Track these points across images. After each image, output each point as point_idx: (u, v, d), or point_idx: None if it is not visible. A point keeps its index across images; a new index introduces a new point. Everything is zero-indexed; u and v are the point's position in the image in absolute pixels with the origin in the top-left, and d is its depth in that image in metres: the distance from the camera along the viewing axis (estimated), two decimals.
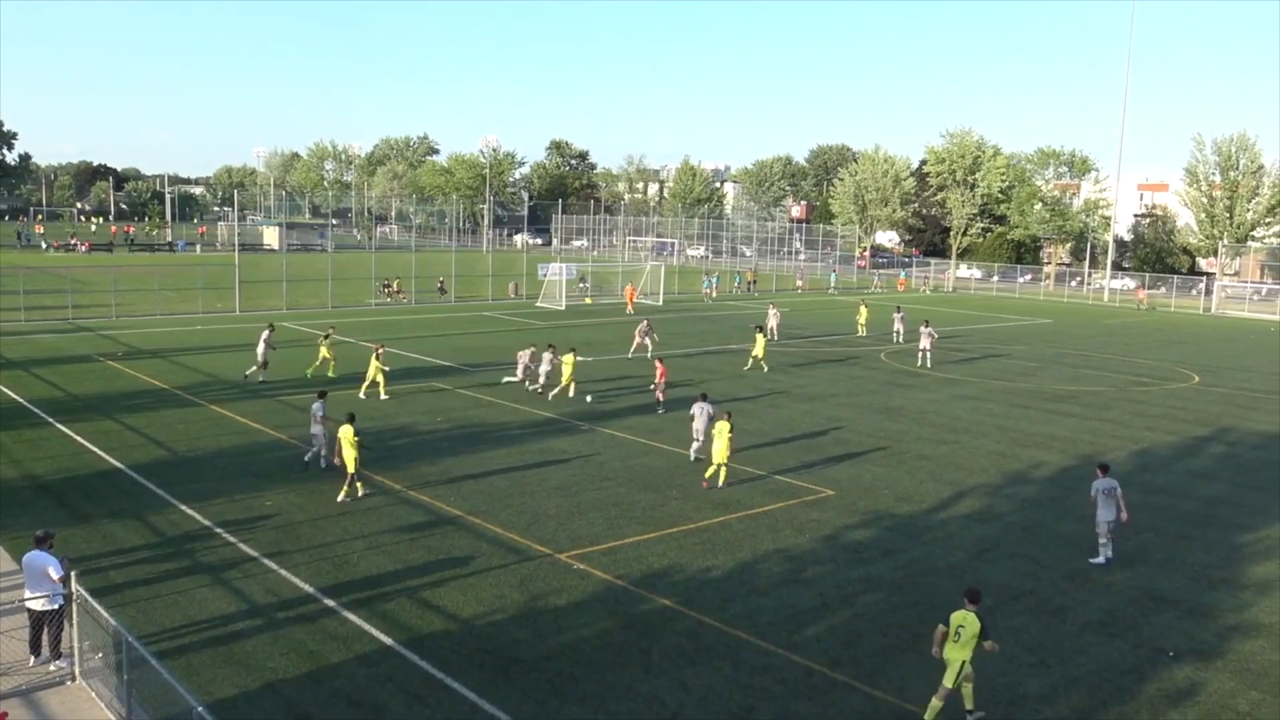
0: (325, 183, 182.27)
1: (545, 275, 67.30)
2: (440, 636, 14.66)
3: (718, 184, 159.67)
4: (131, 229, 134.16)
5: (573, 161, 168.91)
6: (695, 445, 24.77)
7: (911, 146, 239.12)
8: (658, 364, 31.59)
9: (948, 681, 12.73)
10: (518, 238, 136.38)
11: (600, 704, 12.93)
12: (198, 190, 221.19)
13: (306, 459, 23.20)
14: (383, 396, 30.98)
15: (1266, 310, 77.24)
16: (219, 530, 18.80)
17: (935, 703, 12.74)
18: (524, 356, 33.99)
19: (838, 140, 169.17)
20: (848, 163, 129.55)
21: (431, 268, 72.37)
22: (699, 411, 24.91)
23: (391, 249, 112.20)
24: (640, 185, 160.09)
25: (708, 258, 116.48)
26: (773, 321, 49.43)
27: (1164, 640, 15.44)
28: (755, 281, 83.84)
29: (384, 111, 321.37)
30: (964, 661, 12.73)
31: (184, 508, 19.96)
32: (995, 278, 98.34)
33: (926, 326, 43.31)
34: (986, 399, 35.12)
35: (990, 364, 43.92)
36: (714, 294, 73.95)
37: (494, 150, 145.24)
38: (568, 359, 32.18)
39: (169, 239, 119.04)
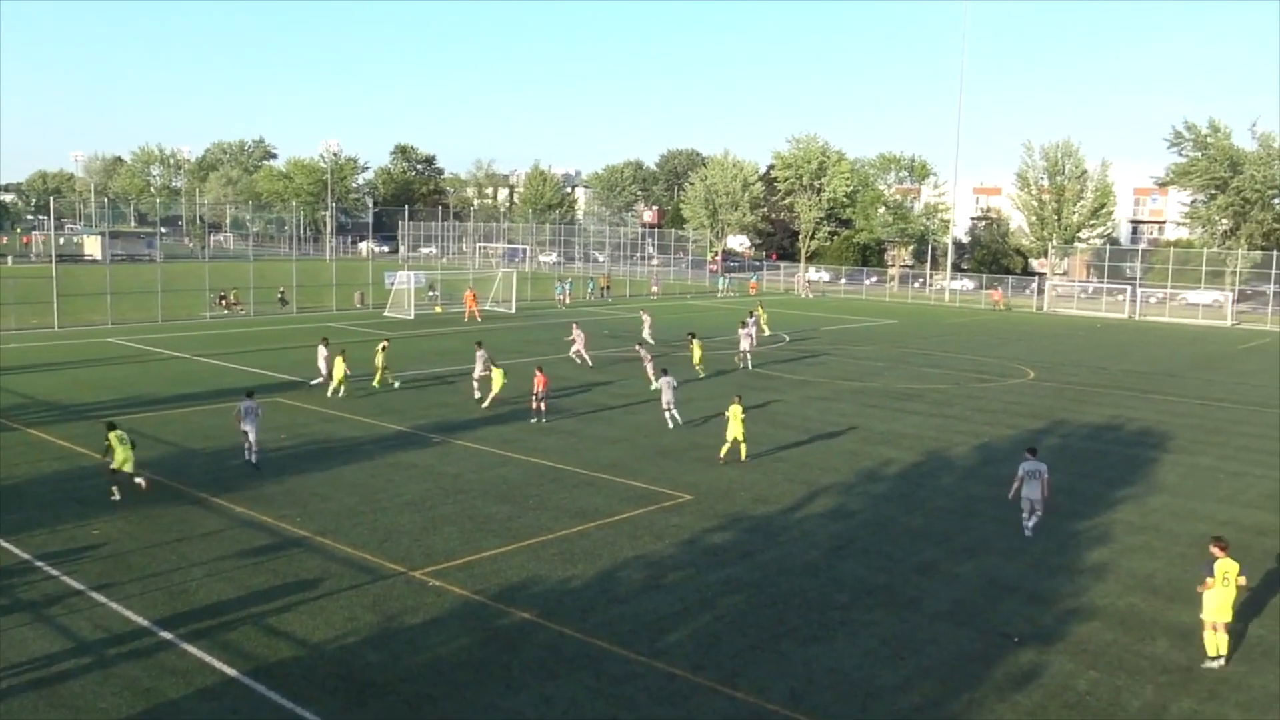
0: (152, 189, 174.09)
1: (392, 284, 66.01)
2: (289, 664, 14.16)
3: (569, 189, 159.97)
4: None
5: (419, 166, 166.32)
6: (669, 414, 29.80)
7: (759, 152, 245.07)
8: (538, 373, 31.23)
9: (1228, 617, 14.90)
10: (362, 245, 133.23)
11: None
12: (8, 197, 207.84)
13: (254, 461, 24.08)
14: (329, 393, 33.25)
15: (1092, 308, 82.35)
16: (40, 564, 17.68)
17: (1221, 635, 14.88)
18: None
19: (687, 145, 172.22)
20: (697, 167, 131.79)
21: (271, 278, 70.01)
22: (665, 386, 30.01)
23: (227, 258, 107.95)
24: (490, 190, 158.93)
25: (560, 264, 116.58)
26: (646, 330, 49.79)
27: (1009, 626, 16.25)
28: (609, 287, 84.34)
29: (215, 114, 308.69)
30: (1234, 599, 14.93)
31: None
32: (843, 280, 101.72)
33: (746, 327, 44.17)
34: (837, 399, 36.25)
35: (839, 364, 45.36)
36: (567, 300, 74.07)
37: (335, 155, 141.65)
38: (498, 373, 32.46)
39: None
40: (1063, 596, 17.65)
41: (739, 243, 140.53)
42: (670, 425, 29.74)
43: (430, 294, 69.73)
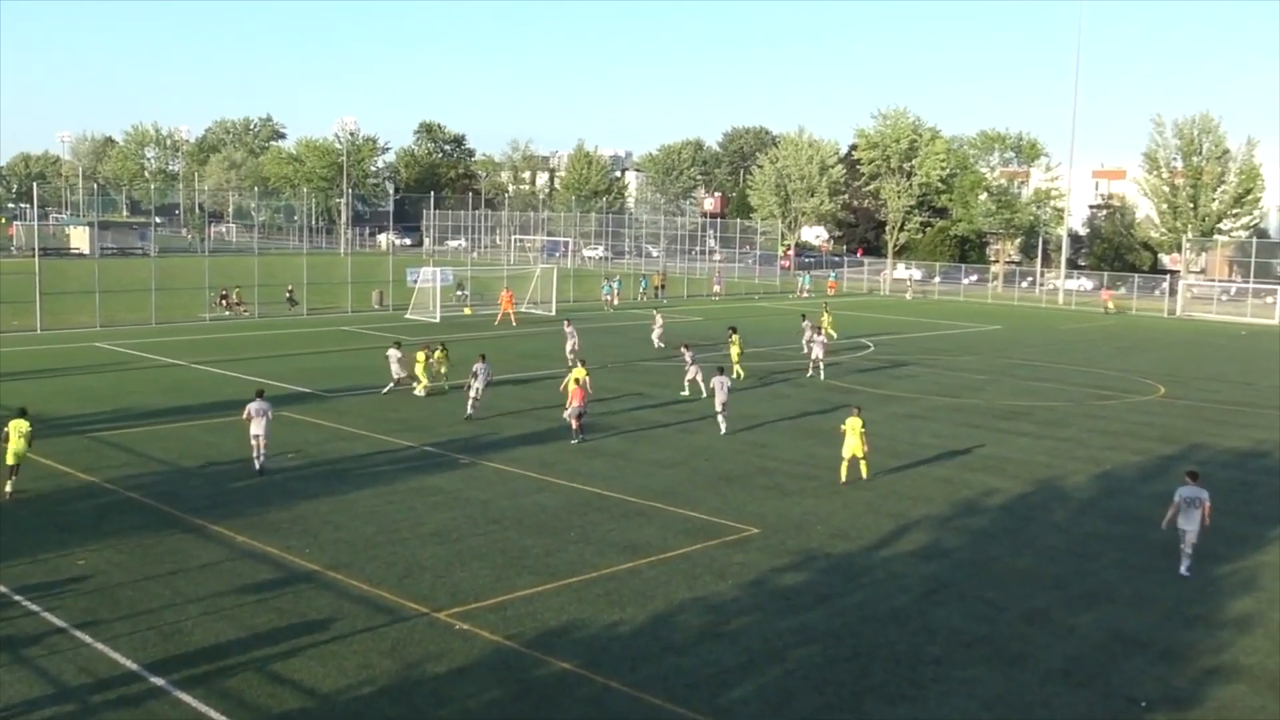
0: (147, 173, 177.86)
1: (416, 282, 66.74)
2: (296, 716, 14.31)
3: (618, 173, 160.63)
4: None
5: (446, 147, 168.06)
6: (720, 418, 32.06)
7: (840, 129, 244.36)
8: (574, 385, 31.40)
9: None
10: (381, 237, 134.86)
11: None
12: None
13: (260, 467, 26.05)
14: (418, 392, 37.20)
15: (1235, 312, 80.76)
16: (19, 598, 18.07)
17: None
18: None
19: (755, 122, 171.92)
20: (767, 148, 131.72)
21: (278, 274, 71.08)
22: (719, 386, 32.13)
23: (229, 252, 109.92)
24: (527, 175, 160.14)
25: (607, 259, 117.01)
26: (656, 331, 50.38)
27: (1135, 688, 15.94)
28: (664, 286, 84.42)
29: (217, 89, 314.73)
30: None
31: None
32: (937, 278, 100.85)
33: (819, 334, 45.21)
34: (930, 417, 35.93)
35: (932, 377, 44.96)
36: (615, 301, 74.31)
37: (352, 134, 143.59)
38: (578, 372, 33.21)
39: None
40: (1200, 654, 17.29)
41: (815, 235, 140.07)
42: (722, 430, 31.95)
43: (459, 293, 70.31)
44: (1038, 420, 36.02)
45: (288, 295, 65.91)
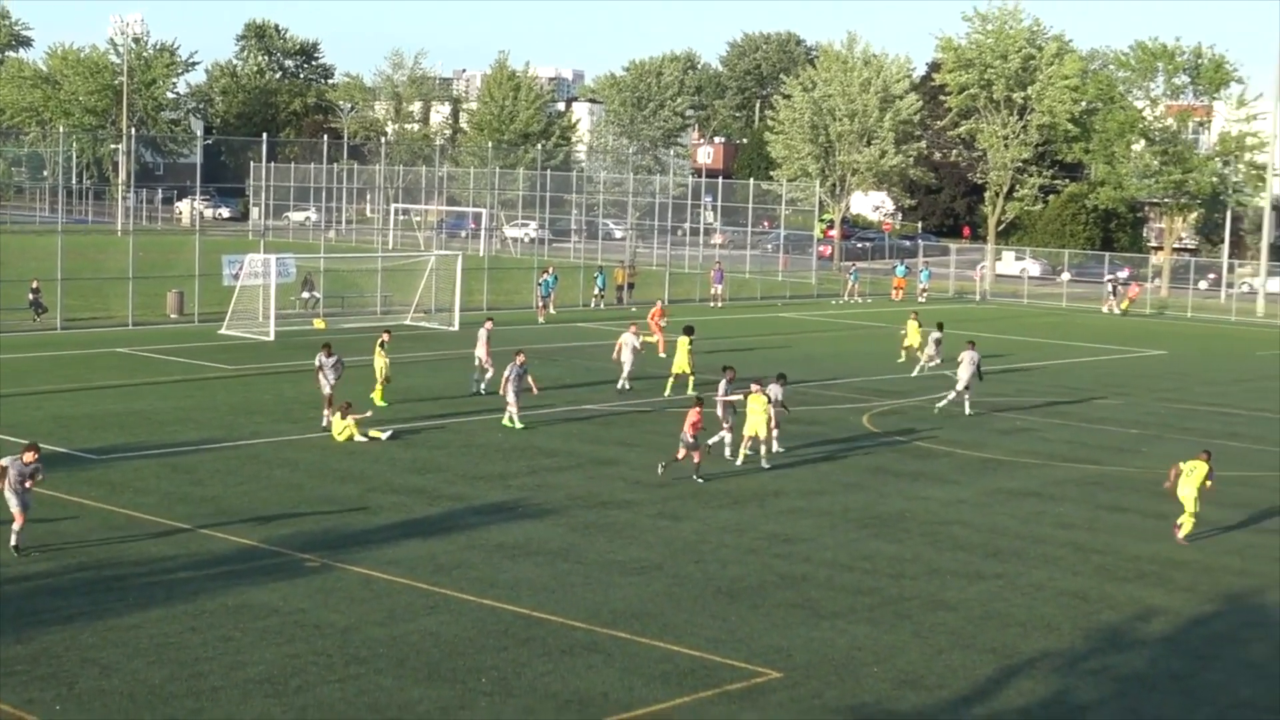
0: None
1: (236, 276, 65.95)
2: None
3: (561, 105, 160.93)
4: None
5: (288, 64, 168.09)
6: (766, 447, 37.34)
7: (914, 38, 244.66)
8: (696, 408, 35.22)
9: None
10: (183, 205, 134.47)
11: None
12: None
13: (16, 544, 27.21)
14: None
15: None
16: None
17: None
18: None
19: (779, 26, 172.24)
20: (798, 67, 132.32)
21: (16, 264, 70.66)
22: (773, 394, 37.44)
23: None
24: (417, 108, 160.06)
25: (544, 242, 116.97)
26: (627, 358, 48.57)
27: None
28: (633, 285, 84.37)
29: None
30: None
31: None
32: (1066, 274, 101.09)
33: (936, 344, 48.72)
34: (1052, 495, 36.01)
35: (1058, 431, 45.30)
36: (550, 308, 74.11)
37: (137, 41, 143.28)
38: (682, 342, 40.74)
39: None
40: None
41: (875, 205, 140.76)
42: (765, 458, 37.37)
43: (305, 295, 69.97)
44: (1226, 501, 35.87)
45: (31, 297, 65.38)
